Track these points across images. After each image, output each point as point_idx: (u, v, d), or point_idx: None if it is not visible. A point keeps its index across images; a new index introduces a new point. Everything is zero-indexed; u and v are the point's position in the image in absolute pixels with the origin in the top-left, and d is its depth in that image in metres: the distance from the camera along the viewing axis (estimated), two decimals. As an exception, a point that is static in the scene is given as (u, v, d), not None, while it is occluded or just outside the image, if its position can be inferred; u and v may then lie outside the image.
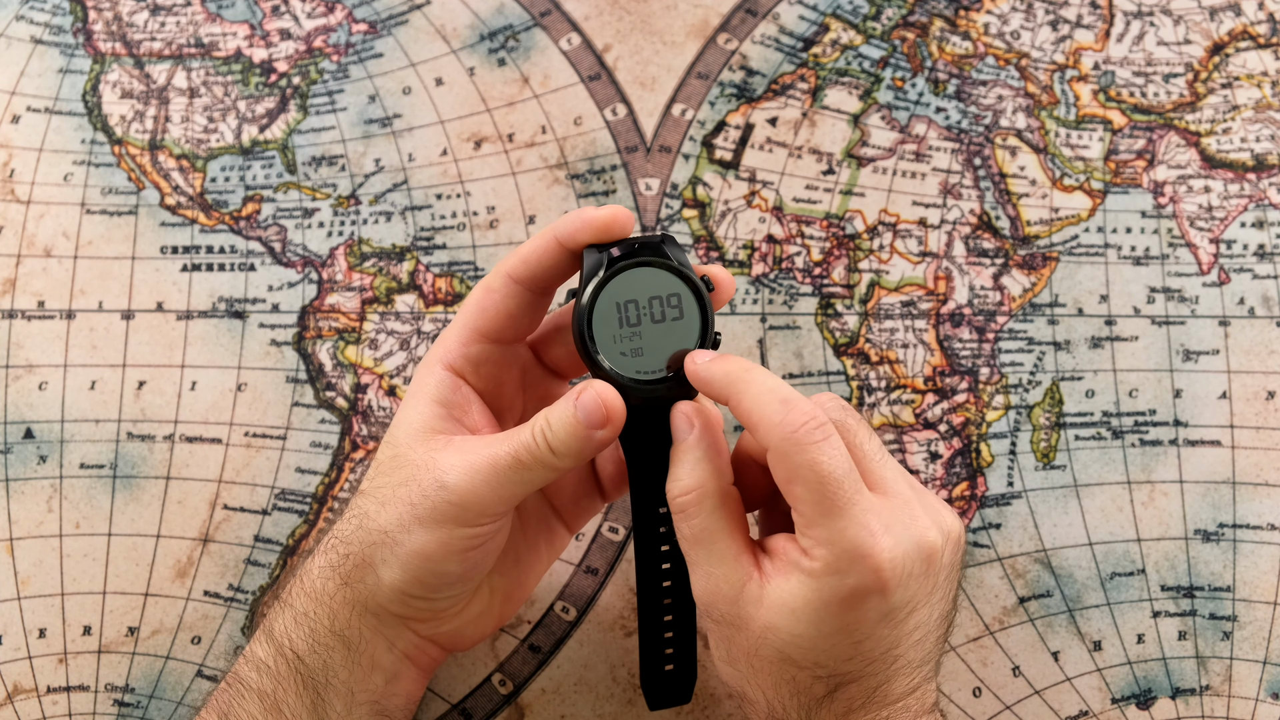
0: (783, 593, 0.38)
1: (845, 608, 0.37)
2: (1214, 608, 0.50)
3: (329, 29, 0.57)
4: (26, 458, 0.52)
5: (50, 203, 0.55)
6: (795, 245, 0.54)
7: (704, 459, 0.39)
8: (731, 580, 0.38)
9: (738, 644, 0.39)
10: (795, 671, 0.38)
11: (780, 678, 0.39)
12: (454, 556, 0.40)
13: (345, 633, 0.41)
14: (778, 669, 0.38)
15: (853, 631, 0.37)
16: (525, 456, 0.39)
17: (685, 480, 0.39)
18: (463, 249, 0.54)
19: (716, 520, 0.39)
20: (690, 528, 0.39)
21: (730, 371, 0.39)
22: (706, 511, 0.39)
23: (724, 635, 0.39)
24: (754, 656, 0.39)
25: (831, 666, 0.38)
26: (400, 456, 0.41)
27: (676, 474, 0.39)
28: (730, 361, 0.39)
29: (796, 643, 0.38)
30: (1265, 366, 0.52)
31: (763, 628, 0.38)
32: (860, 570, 0.36)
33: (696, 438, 0.39)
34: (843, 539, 0.36)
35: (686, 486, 0.39)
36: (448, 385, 0.42)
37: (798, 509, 0.37)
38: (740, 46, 0.57)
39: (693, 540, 0.39)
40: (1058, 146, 0.55)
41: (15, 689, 0.49)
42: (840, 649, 0.38)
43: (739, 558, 0.39)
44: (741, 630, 0.39)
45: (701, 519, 0.39)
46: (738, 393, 0.39)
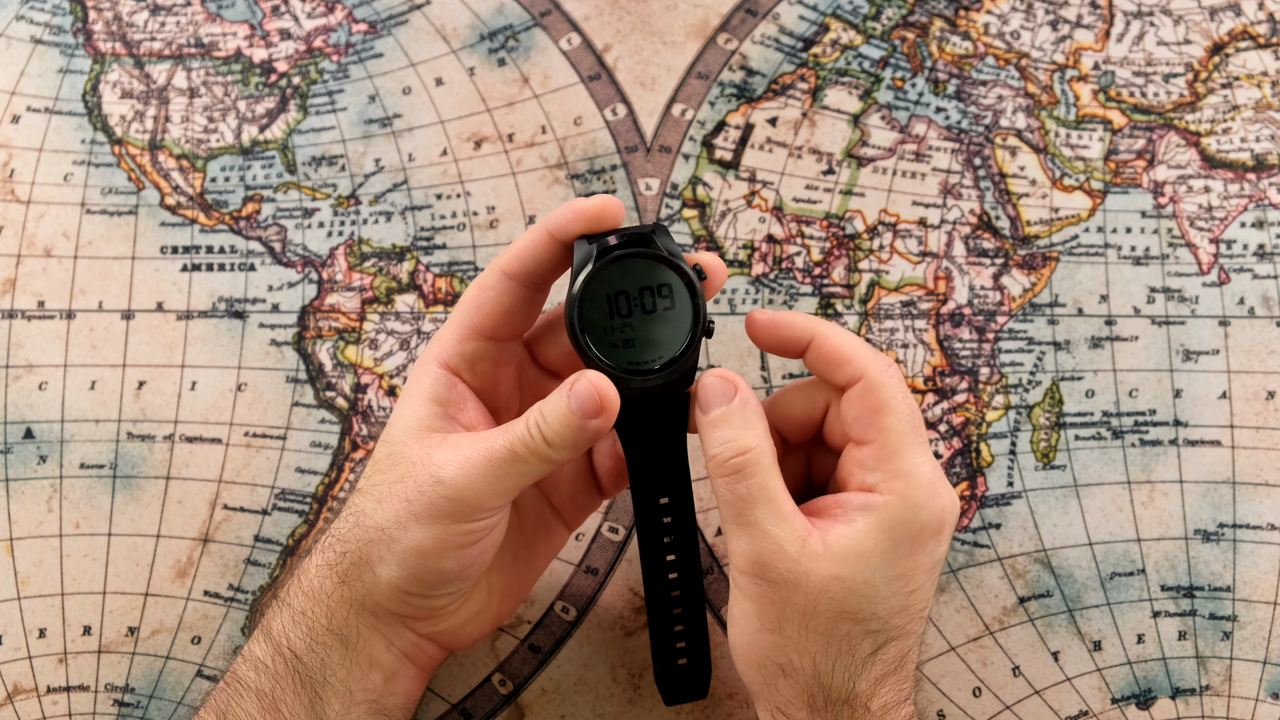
0: (850, 539, 0.38)
1: (912, 549, 0.38)
2: (1214, 608, 0.50)
3: (329, 29, 0.57)
4: (26, 458, 0.52)
5: (50, 203, 0.55)
6: (795, 245, 0.54)
7: (757, 417, 0.40)
8: (793, 536, 0.38)
9: (792, 605, 0.39)
10: (849, 627, 0.38)
11: (832, 635, 0.39)
12: (451, 553, 0.40)
13: (343, 631, 0.41)
14: (832, 626, 0.38)
15: (910, 578, 0.39)
16: (520, 449, 0.39)
17: (743, 438, 0.39)
18: (463, 249, 0.54)
19: (774, 478, 0.39)
20: (748, 488, 0.39)
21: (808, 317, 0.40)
22: (764, 469, 0.39)
23: (777, 598, 0.39)
24: (809, 615, 0.38)
25: (884, 618, 0.39)
26: (396, 454, 0.41)
27: (727, 435, 0.39)
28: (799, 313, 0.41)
29: (861, 591, 0.38)
30: (1265, 366, 0.52)
31: (825, 580, 0.38)
32: (932, 506, 0.38)
33: (743, 398, 0.40)
34: (920, 471, 0.38)
35: (744, 445, 0.39)
36: (443, 383, 0.42)
37: (880, 441, 0.39)
38: (740, 46, 0.57)
39: (749, 501, 0.39)
40: (1058, 146, 0.55)
41: (15, 689, 0.49)
42: (897, 598, 0.39)
43: (796, 514, 0.39)
44: (799, 589, 0.38)
45: (760, 477, 0.39)
46: (824, 331, 0.40)
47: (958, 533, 0.50)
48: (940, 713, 0.48)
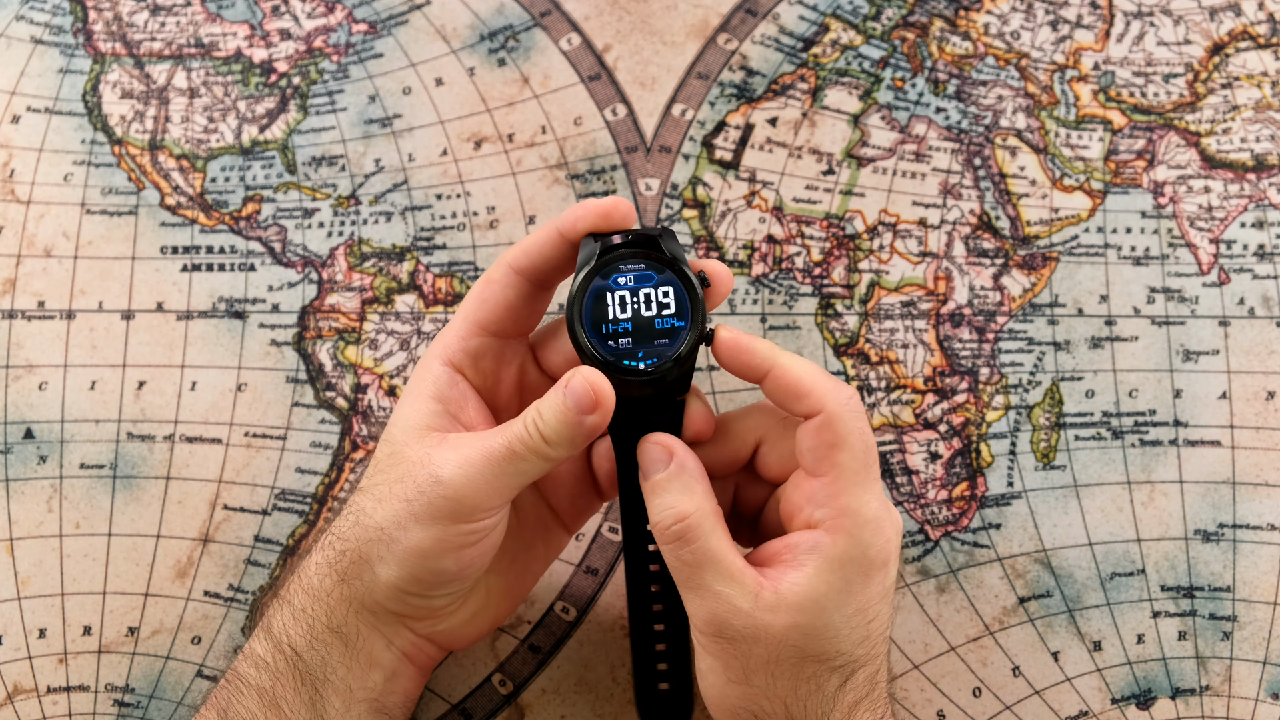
0: (803, 585, 0.38)
1: (864, 584, 0.38)
2: (1214, 608, 0.50)
3: (329, 29, 0.57)
4: (26, 458, 0.52)
5: (50, 203, 0.55)
6: (795, 245, 0.54)
7: (697, 480, 0.40)
8: (744, 593, 0.38)
9: (755, 657, 0.39)
10: (815, 668, 0.39)
11: (799, 678, 0.39)
12: (450, 553, 0.40)
13: (343, 629, 0.41)
14: (797, 670, 0.39)
15: (866, 610, 0.39)
16: (519, 447, 0.39)
17: (682, 505, 0.39)
18: (463, 249, 0.54)
19: (718, 539, 0.39)
20: (692, 552, 0.39)
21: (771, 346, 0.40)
22: (706, 533, 0.39)
23: (739, 653, 0.39)
24: (773, 664, 0.39)
25: (848, 652, 0.39)
26: (397, 453, 0.41)
27: (666, 502, 0.39)
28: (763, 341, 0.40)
29: (820, 634, 0.38)
30: (1265, 366, 0.52)
31: (783, 630, 0.38)
32: (878, 542, 0.38)
33: (679, 463, 0.40)
34: (867, 509, 0.38)
35: (683, 511, 0.39)
36: (445, 381, 0.42)
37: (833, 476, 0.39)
38: (740, 46, 0.57)
39: (695, 565, 0.39)
40: (1058, 146, 0.55)
41: (15, 689, 0.49)
42: (857, 631, 0.39)
43: (745, 570, 0.39)
44: (759, 642, 0.38)
45: (702, 541, 0.39)
46: (784, 362, 0.39)
47: (958, 532, 0.50)
48: (940, 713, 0.48)
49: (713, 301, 0.41)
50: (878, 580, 0.39)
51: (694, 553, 0.39)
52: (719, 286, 0.41)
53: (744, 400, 0.52)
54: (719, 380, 0.52)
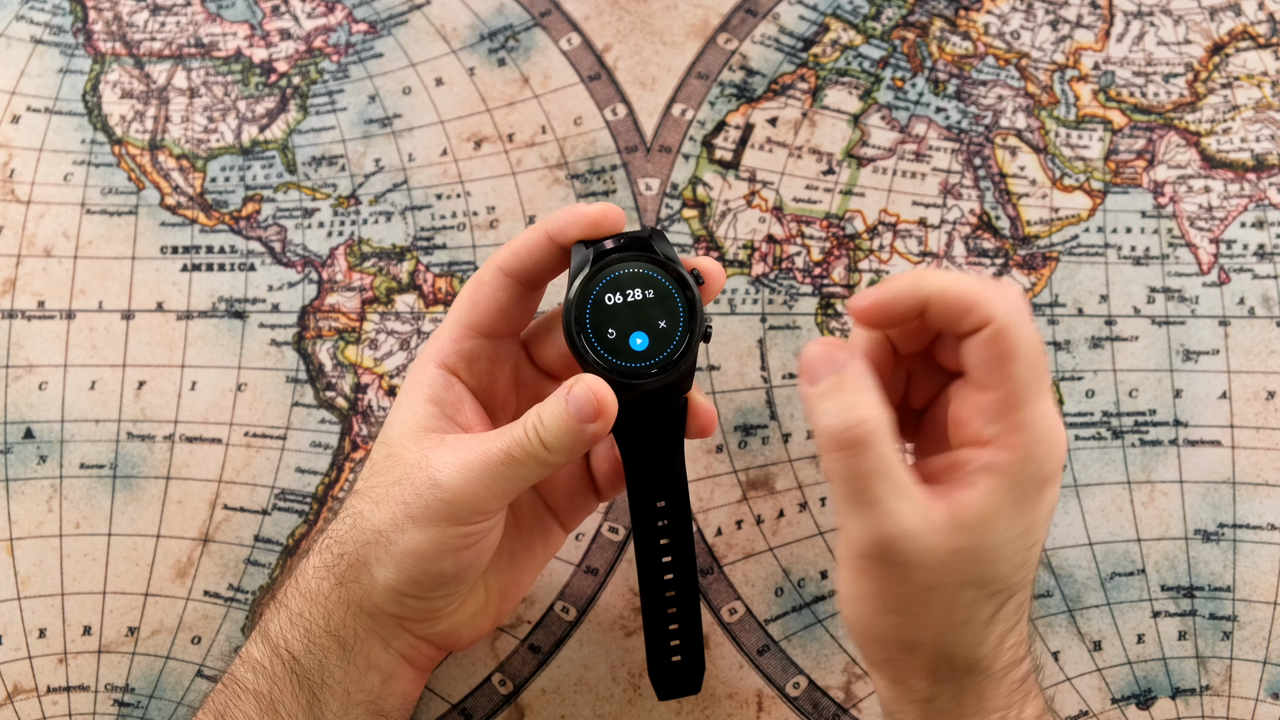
0: (975, 505, 0.36)
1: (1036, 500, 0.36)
2: (1214, 608, 0.49)
3: (329, 29, 0.57)
4: (26, 458, 0.52)
5: (50, 203, 0.55)
6: (795, 245, 0.54)
7: (872, 386, 0.36)
8: (917, 511, 0.36)
9: (916, 583, 0.36)
10: (973, 594, 0.36)
11: (955, 605, 0.36)
12: (447, 555, 0.40)
13: (340, 633, 0.41)
14: (955, 597, 0.36)
15: (1032, 531, 0.37)
16: (518, 452, 0.39)
17: (860, 408, 0.36)
18: (463, 249, 0.54)
19: (893, 450, 0.36)
20: (867, 460, 0.35)
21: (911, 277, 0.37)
22: (882, 441, 0.36)
23: (898, 579, 0.36)
24: (933, 591, 0.36)
25: (1007, 577, 0.37)
26: (394, 456, 0.41)
27: (838, 405, 0.36)
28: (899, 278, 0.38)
29: (985, 557, 0.36)
30: (1265, 366, 0.52)
31: (949, 554, 0.35)
32: (1054, 455, 0.36)
33: (858, 366, 0.37)
34: (1046, 419, 0.36)
35: (862, 415, 0.35)
36: (440, 383, 0.42)
37: (1007, 390, 0.36)
38: (740, 46, 0.57)
39: (869, 476, 0.36)
40: (1058, 146, 0.55)
41: (15, 689, 0.49)
42: (1020, 553, 0.36)
43: (917, 487, 0.36)
44: (923, 567, 0.36)
45: (880, 449, 0.36)
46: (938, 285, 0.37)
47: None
48: (940, 713, 0.48)
49: (706, 297, 0.41)
50: (1048, 497, 0.37)
51: (869, 460, 0.35)
52: (712, 283, 0.41)
53: (744, 401, 0.52)
54: (719, 380, 0.52)
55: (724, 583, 0.50)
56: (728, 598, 0.50)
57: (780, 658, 0.49)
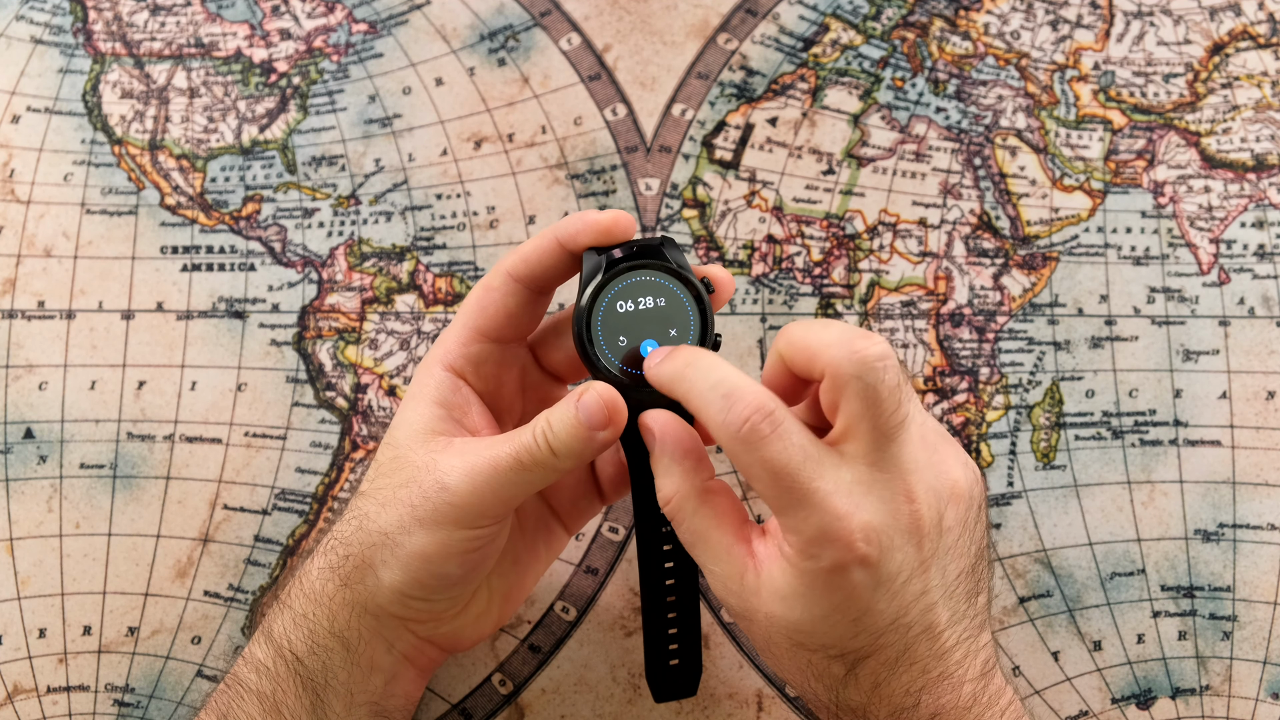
0: (773, 580, 0.37)
1: (830, 587, 0.36)
2: (1214, 608, 0.50)
3: (329, 29, 0.57)
4: (26, 458, 0.52)
5: (50, 203, 0.55)
6: (795, 245, 0.54)
7: (673, 463, 0.39)
8: (730, 574, 0.38)
9: (755, 635, 0.39)
10: (809, 655, 0.38)
11: (797, 663, 0.38)
12: (454, 558, 0.40)
13: (344, 634, 0.41)
14: (792, 655, 0.38)
15: (847, 609, 0.37)
16: (526, 458, 0.39)
17: (663, 490, 0.39)
18: (463, 249, 0.54)
19: (701, 520, 0.39)
20: (684, 532, 0.39)
21: (675, 369, 0.38)
22: (689, 514, 0.39)
23: (744, 627, 0.39)
24: (770, 644, 0.39)
25: (840, 645, 0.37)
26: (401, 458, 0.41)
27: (659, 482, 0.39)
28: (678, 356, 0.39)
29: (798, 627, 0.37)
30: (1265, 366, 0.52)
31: (765, 617, 0.38)
32: (833, 550, 0.36)
33: (659, 447, 0.39)
34: (807, 526, 0.36)
35: (665, 496, 0.39)
36: (447, 386, 0.42)
37: (765, 502, 0.38)
38: (740, 46, 0.57)
39: (690, 542, 0.39)
40: (1058, 146, 0.55)
41: (15, 689, 0.49)
42: (841, 628, 0.37)
43: (731, 550, 0.38)
44: (752, 622, 0.39)
45: (688, 522, 0.39)
46: (683, 393, 0.38)
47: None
48: (940, 713, 0.48)
49: (715, 306, 0.41)
50: (853, 581, 0.36)
51: (684, 533, 0.39)
52: (722, 292, 0.41)
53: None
54: (719, 380, 0.52)
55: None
56: (728, 598, 0.50)
57: (780, 658, 0.49)
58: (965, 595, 0.39)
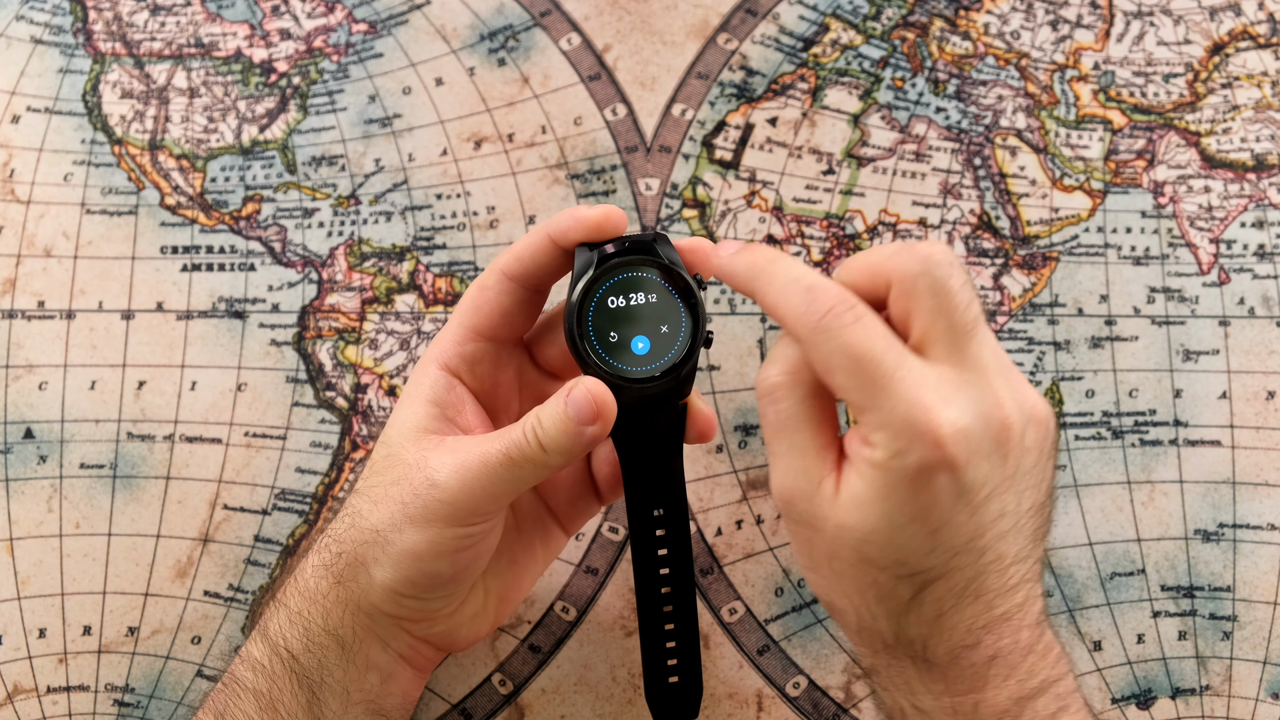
0: (852, 488, 0.35)
1: (914, 491, 0.34)
2: (1214, 608, 0.49)
3: (329, 29, 0.57)
4: (26, 458, 0.52)
5: (50, 203, 0.55)
6: (795, 245, 0.54)
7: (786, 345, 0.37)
8: (810, 475, 0.36)
9: (817, 547, 0.37)
10: (876, 574, 0.36)
11: (862, 582, 0.36)
12: (445, 556, 0.40)
13: (339, 632, 0.41)
14: (858, 572, 0.36)
15: (927, 518, 0.34)
16: (516, 454, 0.39)
17: (780, 362, 0.37)
18: (463, 249, 0.54)
19: (804, 409, 0.37)
20: (776, 413, 0.37)
21: (754, 263, 0.37)
22: (796, 398, 0.36)
23: (804, 537, 0.37)
24: (833, 559, 0.36)
25: (912, 563, 0.35)
26: (393, 456, 0.41)
27: (772, 356, 0.37)
28: (755, 251, 0.37)
29: (872, 539, 0.35)
30: (1265, 366, 0.52)
31: (836, 528, 0.35)
32: (921, 446, 0.34)
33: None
34: (894, 417, 0.34)
35: (781, 369, 0.37)
36: (442, 385, 0.42)
37: (845, 399, 0.35)
38: (740, 46, 0.57)
39: (777, 427, 0.37)
40: (1058, 146, 0.55)
41: (15, 689, 0.49)
42: (917, 541, 0.35)
43: (821, 452, 0.36)
44: (819, 531, 0.36)
45: (789, 404, 0.37)
46: (762, 286, 0.37)
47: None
48: (940, 713, 0.48)
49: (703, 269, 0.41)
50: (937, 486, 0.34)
51: (779, 413, 0.37)
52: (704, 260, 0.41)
53: (744, 401, 0.52)
54: (719, 380, 0.52)
55: (724, 583, 0.50)
56: (728, 598, 0.50)
57: (780, 658, 0.49)
58: (1031, 535, 0.37)
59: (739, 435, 0.52)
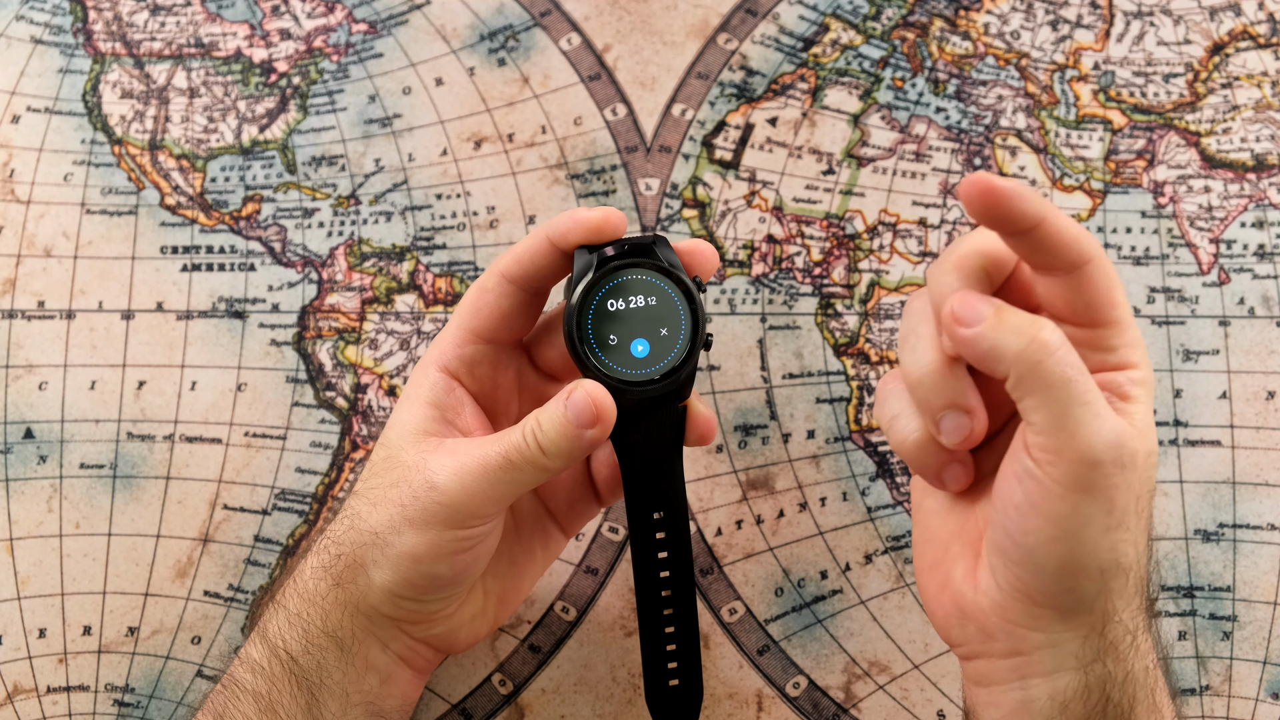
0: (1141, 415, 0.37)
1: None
2: (1214, 608, 0.49)
3: (329, 29, 0.57)
4: (26, 458, 0.52)
5: (50, 203, 0.55)
6: (795, 245, 0.54)
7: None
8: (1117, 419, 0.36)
9: (1134, 488, 0.36)
10: (1149, 504, 0.37)
11: (1145, 517, 0.37)
12: (444, 559, 0.40)
13: (338, 633, 0.41)
14: (1147, 506, 0.37)
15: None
16: (516, 457, 0.39)
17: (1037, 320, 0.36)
18: (463, 249, 0.54)
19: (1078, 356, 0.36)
20: (1069, 364, 0.35)
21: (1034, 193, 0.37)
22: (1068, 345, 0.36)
23: (1124, 484, 0.36)
24: (1140, 498, 0.37)
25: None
26: (392, 458, 0.41)
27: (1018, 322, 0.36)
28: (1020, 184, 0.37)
29: (1154, 463, 0.37)
30: (1265, 366, 0.52)
31: (1146, 456, 0.36)
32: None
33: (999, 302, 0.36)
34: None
35: (1043, 322, 0.36)
36: (441, 387, 0.42)
37: (1117, 315, 0.38)
38: (740, 46, 0.57)
39: (1080, 381, 0.35)
40: (1058, 146, 0.55)
41: (15, 689, 0.49)
42: None
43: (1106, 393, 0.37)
44: (1137, 467, 0.36)
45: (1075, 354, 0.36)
46: (1055, 214, 0.37)
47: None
48: (940, 713, 0.48)
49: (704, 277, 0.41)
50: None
51: (1073, 363, 0.35)
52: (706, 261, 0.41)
53: (744, 401, 0.52)
54: (719, 380, 0.52)
55: (724, 583, 0.50)
56: (728, 598, 0.50)
57: (780, 658, 0.49)
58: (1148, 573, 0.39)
59: (739, 435, 0.52)
